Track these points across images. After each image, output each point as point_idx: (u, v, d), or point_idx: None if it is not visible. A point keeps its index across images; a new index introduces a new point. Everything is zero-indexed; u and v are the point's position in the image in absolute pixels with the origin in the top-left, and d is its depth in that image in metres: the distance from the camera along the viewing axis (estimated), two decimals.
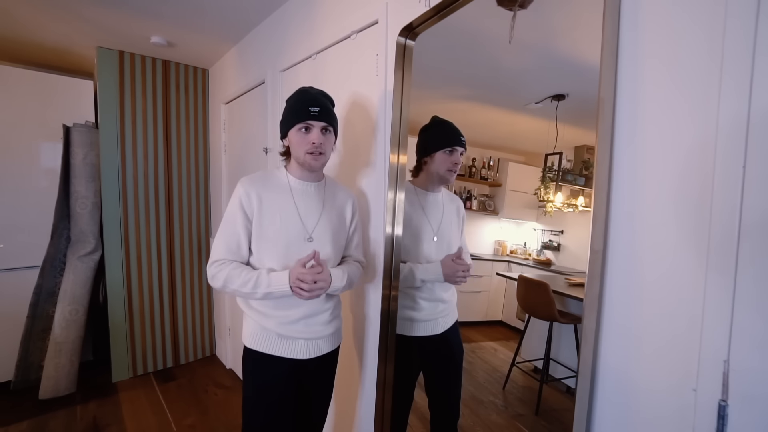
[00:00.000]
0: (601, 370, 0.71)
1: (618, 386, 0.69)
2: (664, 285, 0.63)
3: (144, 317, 2.57)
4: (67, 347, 2.22)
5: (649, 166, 0.65)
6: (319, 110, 1.05)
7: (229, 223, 1.08)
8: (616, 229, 0.69)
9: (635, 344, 0.66)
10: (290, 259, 1.07)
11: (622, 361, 0.68)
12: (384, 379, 1.24)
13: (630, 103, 0.68)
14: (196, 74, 2.71)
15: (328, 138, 1.09)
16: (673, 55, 0.62)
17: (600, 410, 0.71)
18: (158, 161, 2.57)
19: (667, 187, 0.63)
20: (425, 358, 1.26)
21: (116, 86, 2.38)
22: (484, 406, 1.23)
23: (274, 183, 1.12)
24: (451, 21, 1.07)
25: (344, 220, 1.19)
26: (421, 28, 1.15)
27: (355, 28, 1.37)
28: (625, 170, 0.68)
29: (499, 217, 1.33)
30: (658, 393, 0.64)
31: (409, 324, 1.23)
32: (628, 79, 0.68)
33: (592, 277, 0.68)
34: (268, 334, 1.10)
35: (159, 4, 1.83)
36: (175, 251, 2.69)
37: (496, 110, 1.25)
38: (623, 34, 0.68)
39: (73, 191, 2.31)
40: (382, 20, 1.25)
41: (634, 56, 0.67)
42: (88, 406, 2.17)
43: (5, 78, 2.22)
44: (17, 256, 2.30)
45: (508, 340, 1.30)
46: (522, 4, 0.96)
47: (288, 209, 1.09)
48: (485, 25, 1.07)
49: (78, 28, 2.09)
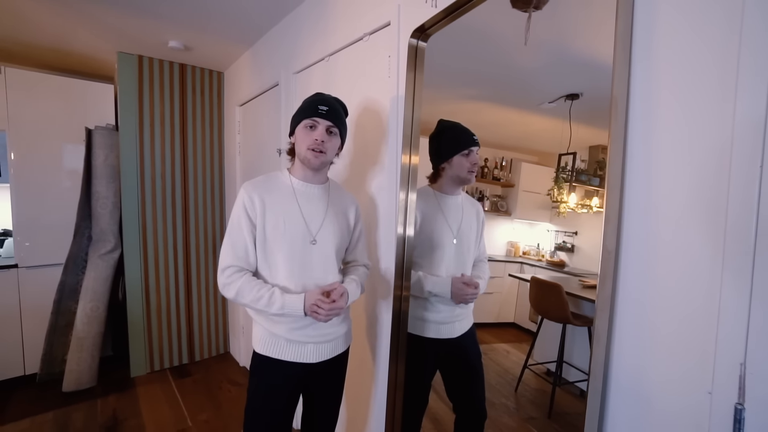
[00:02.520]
0: (613, 371, 0.70)
1: (631, 388, 0.68)
2: (679, 286, 0.62)
3: (161, 314, 2.64)
4: (88, 342, 2.30)
5: (663, 165, 0.64)
6: (328, 110, 1.06)
7: (234, 229, 1.07)
8: (629, 229, 0.69)
9: (649, 346, 0.66)
10: (295, 261, 1.07)
11: (636, 363, 0.67)
12: (395, 379, 1.24)
13: (643, 101, 0.67)
14: (211, 77, 2.77)
15: (332, 140, 1.09)
16: (688, 53, 0.61)
17: (612, 412, 0.71)
18: (175, 162, 2.64)
19: (681, 186, 0.62)
20: (442, 361, 1.26)
21: (135, 89, 2.46)
22: (495, 408, 1.23)
23: (276, 186, 1.11)
24: (463, 21, 1.07)
25: (349, 223, 1.18)
26: (433, 30, 1.16)
27: (367, 30, 1.38)
28: (639, 169, 0.68)
29: (512, 218, 1.32)
30: (672, 395, 0.63)
31: (425, 324, 1.23)
32: (642, 78, 0.67)
33: (605, 277, 0.67)
34: (277, 339, 1.09)
35: (177, 10, 1.89)
36: (190, 250, 2.75)
37: (508, 110, 1.25)
38: (636, 32, 0.68)
39: (94, 192, 2.39)
40: (394, 22, 1.26)
41: (647, 54, 0.67)
42: (108, 400, 2.25)
43: (33, 83, 2.32)
44: (43, 253, 2.39)
45: (520, 342, 1.29)
46: (537, 6, 0.96)
47: (291, 211, 1.08)
48: (498, 25, 1.07)
49: (100, 34, 2.17)
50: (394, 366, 1.24)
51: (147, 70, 2.49)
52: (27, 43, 2.32)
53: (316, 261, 1.09)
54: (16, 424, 1.98)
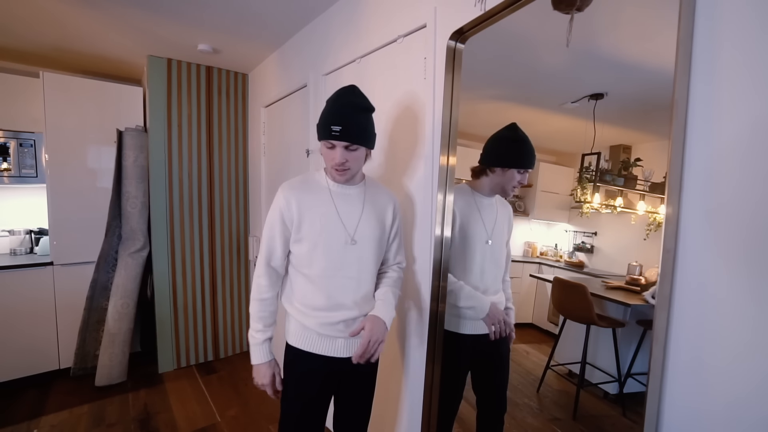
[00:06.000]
0: (669, 371, 0.70)
1: (689, 388, 0.68)
2: (740, 284, 0.62)
3: (187, 312, 2.70)
4: (119, 338, 2.37)
5: (723, 167, 0.64)
6: (341, 130, 1.01)
7: (268, 230, 1.12)
8: (686, 230, 0.68)
9: (709, 345, 0.65)
10: (333, 262, 1.09)
11: (693, 363, 0.67)
12: (431, 380, 1.25)
13: (703, 104, 0.67)
14: (236, 79, 2.82)
15: (354, 154, 1.06)
16: (751, 56, 0.61)
17: (668, 412, 0.71)
18: (201, 163, 2.69)
19: (741, 188, 0.62)
20: (476, 356, 1.27)
21: (164, 92, 2.52)
22: (519, 409, 1.23)
23: (313, 187, 1.13)
24: (500, 24, 1.07)
25: (385, 222, 1.18)
26: (471, 33, 1.17)
27: (402, 32, 1.40)
28: (699, 171, 0.67)
29: (530, 218, 1.32)
30: (733, 396, 0.63)
31: (460, 321, 1.24)
32: (702, 81, 0.67)
33: (664, 277, 0.68)
34: (308, 332, 1.12)
35: (210, 14, 1.93)
36: (216, 249, 2.80)
37: (529, 110, 1.24)
38: (697, 33, 0.68)
39: (124, 191, 2.46)
40: (431, 24, 1.27)
41: (709, 57, 0.66)
42: (138, 394, 2.31)
43: (68, 87, 2.39)
44: (77, 251, 2.47)
45: (539, 343, 1.29)
46: (579, 8, 0.96)
47: (328, 213, 1.09)
48: (530, 27, 1.07)
49: (132, 38, 2.23)
50: (431, 367, 1.25)
51: (175, 72, 2.55)
52: (63, 48, 2.40)
53: (352, 261, 1.11)
54: (57, 414, 2.06)
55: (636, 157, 1.02)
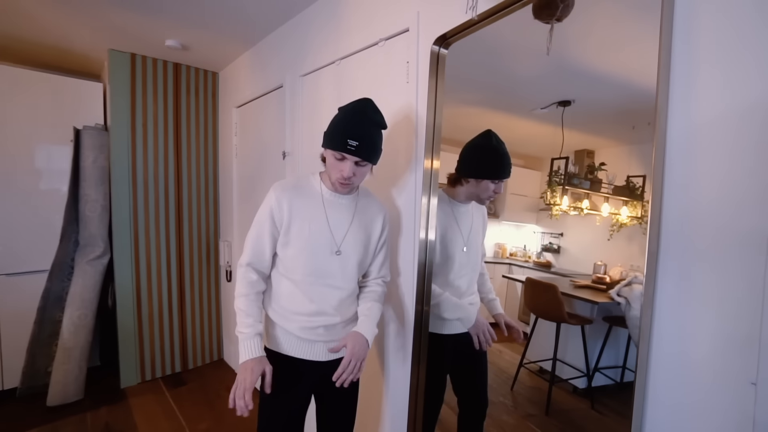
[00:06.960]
0: (652, 367, 0.74)
1: (670, 381, 0.72)
2: (719, 283, 0.66)
3: (153, 321, 2.54)
4: (75, 353, 2.19)
5: (701, 172, 0.69)
6: (357, 145, 0.99)
7: (257, 228, 1.10)
8: (667, 232, 0.72)
9: (689, 341, 0.69)
10: (317, 270, 1.08)
11: (676, 358, 0.71)
12: (417, 383, 1.25)
13: (683, 115, 0.71)
14: (206, 78, 2.71)
15: (362, 169, 1.06)
16: (728, 63, 0.66)
17: (652, 404, 0.75)
18: (168, 164, 2.56)
19: (719, 190, 0.66)
20: (457, 356, 1.28)
21: (128, 89, 2.37)
22: (494, 407, 1.26)
23: (306, 191, 1.11)
24: (482, 32, 1.10)
25: (373, 234, 1.17)
26: (455, 39, 1.18)
27: (383, 35, 1.40)
28: (678, 176, 0.71)
29: (500, 220, 1.35)
30: (713, 386, 0.67)
31: (443, 322, 1.25)
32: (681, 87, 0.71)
33: (649, 278, 0.71)
34: (288, 336, 1.11)
35: (180, 7, 1.84)
36: (184, 255, 2.67)
37: (502, 115, 1.27)
38: (675, 46, 0.72)
39: (82, 194, 2.28)
40: (413, 28, 1.28)
41: (686, 65, 0.71)
42: (98, 413, 2.14)
43: (17, 79, 2.19)
44: (25, 260, 2.26)
45: (511, 342, 1.32)
46: (559, 18, 1.00)
47: (318, 219, 1.09)
48: (509, 35, 1.10)
49: (93, 30, 2.08)
50: (416, 370, 1.25)
51: (140, 69, 2.41)
52: (13, 37, 2.20)
53: (335, 270, 1.10)
54: None
55: (600, 162, 1.06)
